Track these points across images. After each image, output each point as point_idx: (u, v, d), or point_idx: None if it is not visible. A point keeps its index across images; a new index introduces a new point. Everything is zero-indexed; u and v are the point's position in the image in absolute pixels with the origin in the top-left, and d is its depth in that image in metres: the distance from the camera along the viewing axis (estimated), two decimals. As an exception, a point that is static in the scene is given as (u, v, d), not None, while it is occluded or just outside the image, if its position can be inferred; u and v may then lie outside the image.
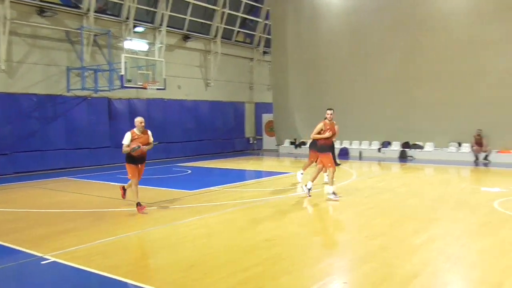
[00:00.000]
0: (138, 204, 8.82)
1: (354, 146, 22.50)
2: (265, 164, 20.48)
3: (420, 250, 6.23)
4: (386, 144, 21.64)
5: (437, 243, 6.58)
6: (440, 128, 19.85)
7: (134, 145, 8.70)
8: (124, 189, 9.79)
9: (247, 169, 17.94)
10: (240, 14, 25.22)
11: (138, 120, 9.03)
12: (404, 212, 8.77)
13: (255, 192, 11.37)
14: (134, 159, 8.90)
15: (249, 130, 27.18)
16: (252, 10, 26.39)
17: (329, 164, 9.90)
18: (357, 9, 22.20)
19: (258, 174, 16.30)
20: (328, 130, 10.00)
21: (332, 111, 10.36)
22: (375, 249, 6.26)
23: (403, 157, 20.49)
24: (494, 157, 18.28)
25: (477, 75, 18.80)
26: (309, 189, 10.27)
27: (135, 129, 8.96)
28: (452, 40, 19.37)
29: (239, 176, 15.71)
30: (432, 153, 19.97)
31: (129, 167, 8.99)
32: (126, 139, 8.84)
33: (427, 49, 19.95)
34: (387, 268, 5.50)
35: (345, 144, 22.74)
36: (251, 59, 27.36)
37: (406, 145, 21.01)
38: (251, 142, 26.93)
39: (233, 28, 25.38)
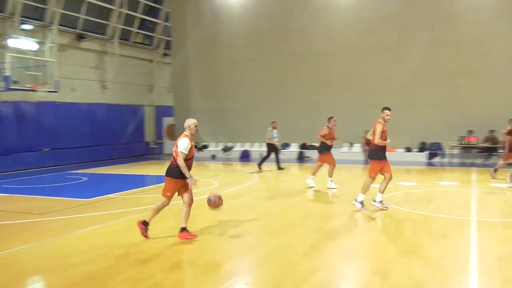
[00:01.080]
0: (185, 230, 6.89)
1: (255, 148, 22.98)
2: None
3: (319, 246, 6.54)
4: (285, 145, 22.38)
5: (336, 239, 6.96)
6: (337, 130, 21.04)
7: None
8: (145, 224, 7.01)
9: (148, 174, 17.49)
10: (138, 15, 24.53)
11: (194, 122, 7.01)
12: (303, 211, 9.15)
13: (156, 197, 11.09)
14: (181, 173, 6.81)
15: (149, 134, 26.49)
16: (151, 11, 25.80)
17: (373, 174, 8.89)
18: (257, 14, 22.77)
19: (160, 179, 15.90)
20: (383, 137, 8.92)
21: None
22: (276, 248, 6.45)
23: (300, 158, 21.36)
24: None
25: (368, 79, 20.29)
26: (381, 201, 8.94)
27: (188, 134, 6.96)
28: (344, 46, 20.70)
29: (139, 181, 15.26)
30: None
31: (174, 183, 6.97)
32: (186, 146, 6.77)
33: (322, 53, 21.06)
34: (288, 266, 5.69)
35: (247, 147, 23.14)
36: (151, 61, 26.72)
37: (303, 146, 21.95)
38: (151, 146, 26.27)
39: (132, 29, 24.61)
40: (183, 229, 6.90)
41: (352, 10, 20.86)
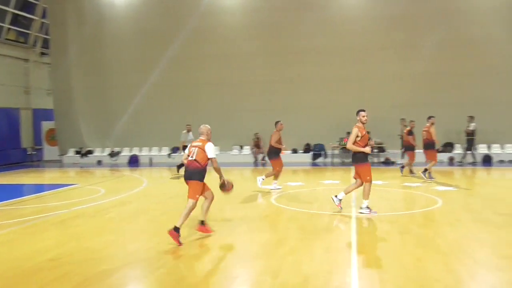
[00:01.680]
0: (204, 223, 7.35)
1: (144, 153, 22.36)
2: (47, 176, 18.73)
3: (209, 249, 6.56)
4: (175, 149, 22.11)
5: (226, 241, 7.03)
6: (224, 132, 21.31)
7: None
8: (176, 231, 6.82)
9: (26, 183, 16.12)
10: (10, 10, 22.48)
11: (209, 128, 7.55)
12: (195, 215, 9.10)
13: (35, 208, 10.28)
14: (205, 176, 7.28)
15: (26, 140, 24.37)
16: (25, 6, 23.78)
17: (368, 178, 8.79)
18: (143, 13, 22.24)
19: (39, 188, 14.78)
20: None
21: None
22: (166, 255, 6.34)
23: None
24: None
25: (254, 83, 20.89)
26: (340, 200, 9.09)
27: (206, 138, 7.40)
28: (229, 50, 21.08)
29: (16, 191, 13.98)
30: (218, 156, 21.23)
31: (202, 185, 7.25)
32: (215, 150, 7.35)
33: (213, 56, 21.22)
34: (177, 273, 5.63)
35: (135, 151, 22.43)
36: (27, 60, 24.63)
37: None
38: (29, 153, 24.21)
39: (3, 24, 22.49)
40: (203, 222, 7.29)
41: (239, 13, 21.35)
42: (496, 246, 6.54)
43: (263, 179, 11.94)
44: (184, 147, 15.60)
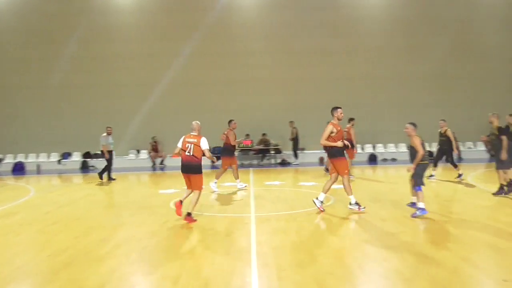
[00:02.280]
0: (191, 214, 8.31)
1: (30, 160, 20.74)
2: None
3: (107, 258, 6.26)
4: (66, 155, 20.84)
5: (122, 249, 6.76)
6: (119, 136, 20.53)
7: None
8: (190, 215, 8.27)
9: None
10: None
11: (199, 124, 9.01)
12: (88, 223, 8.64)
13: None
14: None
15: None
16: None
17: (346, 171, 9.03)
18: (22, 11, 20.68)
19: None
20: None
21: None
22: (60, 267, 5.93)
23: (85, 168, 20.18)
24: (168, 161, 20.14)
25: (142, 85, 20.44)
26: (322, 202, 9.13)
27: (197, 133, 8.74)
28: (131, 53, 20.44)
29: None
30: (114, 161, 20.35)
31: (202, 177, 8.66)
32: (207, 143, 8.67)
33: (101, 59, 20.35)
34: (73, 284, 5.30)
35: (20, 158, 20.71)
36: None
37: (87, 155, 20.77)
38: None
39: None
40: (189, 214, 8.27)
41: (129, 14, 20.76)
42: (382, 238, 7.08)
43: (215, 182, 12.17)
44: (108, 152, 14.74)
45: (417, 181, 8.56)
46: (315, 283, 5.10)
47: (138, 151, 20.90)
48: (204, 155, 8.52)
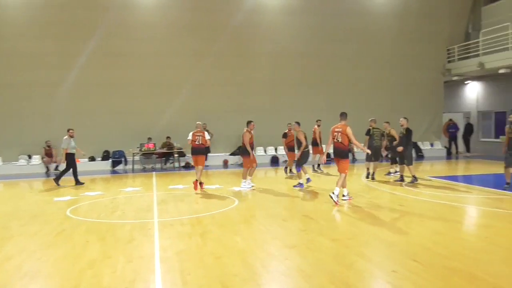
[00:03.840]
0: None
1: None
2: None
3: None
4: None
5: (13, 261, 6.24)
6: (7, 141, 18.95)
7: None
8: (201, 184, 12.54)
9: None
10: None
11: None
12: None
13: None
14: None
15: None
16: None
17: (346, 170, 10.19)
18: None
19: None
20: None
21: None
22: None
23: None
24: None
25: (38, 86, 19.12)
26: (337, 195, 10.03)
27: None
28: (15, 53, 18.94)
29: None
30: (1, 168, 18.72)
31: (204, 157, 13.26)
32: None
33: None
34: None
35: None
36: None
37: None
38: None
39: None
40: (201, 183, 12.57)
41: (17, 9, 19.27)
42: (284, 237, 7.32)
43: (246, 181, 12.79)
44: (69, 154, 14.07)
45: (298, 163, 12.86)
46: (220, 285, 5.12)
47: (30, 156, 19.36)
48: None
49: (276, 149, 21.80)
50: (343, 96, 22.12)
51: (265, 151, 21.68)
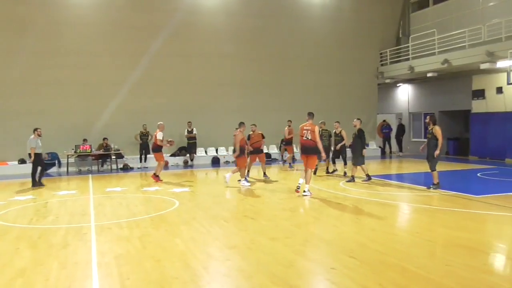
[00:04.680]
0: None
1: None
2: None
3: None
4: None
5: None
6: None
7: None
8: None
9: None
10: None
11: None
12: None
13: None
14: None
15: None
16: None
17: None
18: None
19: None
20: None
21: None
22: None
23: None
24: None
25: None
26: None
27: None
28: None
29: None
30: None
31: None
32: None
33: None
34: None
35: None
36: None
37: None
38: None
39: None
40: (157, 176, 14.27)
41: None
42: (225, 238, 7.33)
43: (244, 179, 13.21)
44: (37, 154, 13.81)
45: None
46: (160, 289, 5.05)
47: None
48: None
49: (217, 150, 21.77)
50: (281, 97, 22.48)
51: (206, 152, 21.57)
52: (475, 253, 6.20)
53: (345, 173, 14.83)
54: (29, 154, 14.05)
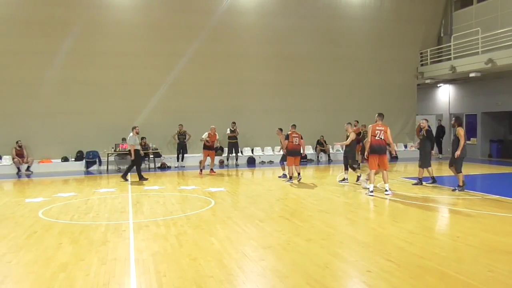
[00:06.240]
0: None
1: None
2: None
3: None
4: None
5: (-19, 266, 6.07)
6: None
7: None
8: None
9: None
10: None
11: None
12: None
13: None
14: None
15: None
16: None
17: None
18: None
19: None
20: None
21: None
22: None
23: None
24: (36, 167, 18.57)
25: (16, 86, 18.64)
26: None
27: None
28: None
29: None
30: None
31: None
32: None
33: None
34: None
35: None
36: None
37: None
38: None
39: None
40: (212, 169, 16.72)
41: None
42: (260, 238, 7.33)
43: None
44: (136, 151, 14.75)
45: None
46: (196, 286, 5.10)
47: (0, 157, 18.87)
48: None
49: (252, 150, 21.82)
50: (319, 98, 22.34)
51: (241, 152, 21.65)
52: (520, 259, 5.96)
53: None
54: (129, 151, 14.94)
